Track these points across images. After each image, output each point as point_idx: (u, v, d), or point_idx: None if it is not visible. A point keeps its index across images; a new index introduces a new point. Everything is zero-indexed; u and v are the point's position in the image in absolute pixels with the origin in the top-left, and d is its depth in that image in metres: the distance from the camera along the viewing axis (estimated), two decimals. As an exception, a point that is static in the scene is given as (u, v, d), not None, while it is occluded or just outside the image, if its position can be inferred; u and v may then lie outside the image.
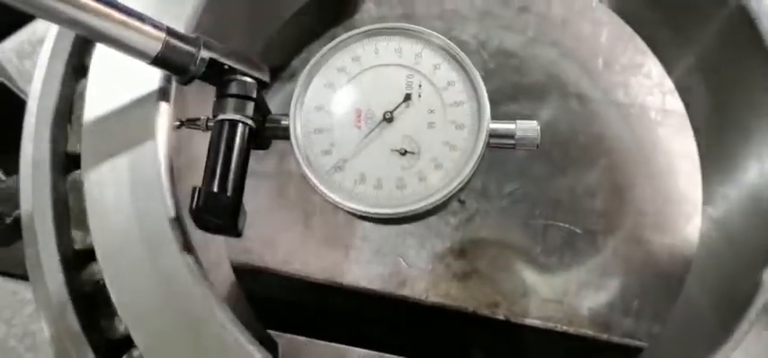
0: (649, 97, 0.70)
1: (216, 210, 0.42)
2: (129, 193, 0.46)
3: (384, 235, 0.66)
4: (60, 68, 0.51)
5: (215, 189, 0.42)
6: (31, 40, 0.72)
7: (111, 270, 0.45)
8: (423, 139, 0.45)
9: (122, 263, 0.45)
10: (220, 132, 0.44)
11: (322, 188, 0.44)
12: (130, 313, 0.44)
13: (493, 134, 0.45)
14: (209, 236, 0.47)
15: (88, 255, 0.47)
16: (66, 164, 0.51)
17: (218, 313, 0.43)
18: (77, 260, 0.48)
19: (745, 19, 0.48)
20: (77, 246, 0.49)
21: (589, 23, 0.73)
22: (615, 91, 0.70)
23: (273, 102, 0.50)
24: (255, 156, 0.68)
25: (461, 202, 0.67)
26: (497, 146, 0.45)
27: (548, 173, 0.67)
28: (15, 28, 0.73)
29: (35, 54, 0.72)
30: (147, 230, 0.45)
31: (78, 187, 0.48)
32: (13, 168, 0.60)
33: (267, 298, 0.63)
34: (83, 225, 0.48)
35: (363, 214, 0.44)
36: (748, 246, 0.50)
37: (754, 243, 0.48)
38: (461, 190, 0.44)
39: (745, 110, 0.52)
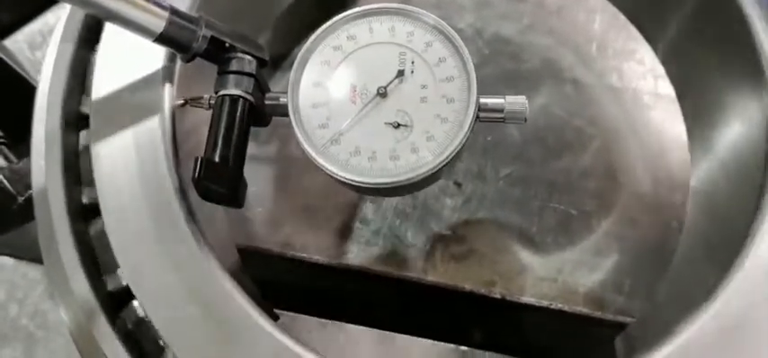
0: (642, 82, 0.71)
1: (217, 178, 0.43)
2: (137, 166, 0.47)
3: (383, 216, 0.67)
4: (70, 51, 0.54)
5: (216, 159, 0.44)
6: (42, 30, 0.74)
7: (117, 235, 0.46)
8: (415, 113, 0.46)
9: (129, 226, 0.46)
10: (222, 106, 0.46)
11: (319, 159, 0.45)
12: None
13: (483, 108, 0.46)
14: (213, 221, 0.48)
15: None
16: (77, 140, 0.53)
17: (225, 282, 0.45)
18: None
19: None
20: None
21: (583, 11, 0.75)
22: (609, 76, 0.72)
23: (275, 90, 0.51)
24: (257, 142, 0.70)
25: (458, 185, 0.68)
26: (487, 119, 0.47)
27: (543, 156, 0.69)
28: (28, 20, 0.75)
29: (46, 44, 0.74)
30: (153, 201, 0.47)
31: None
32: (25, 153, 0.62)
33: (269, 279, 0.64)
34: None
35: (359, 185, 0.45)
36: (729, 216, 0.51)
37: (734, 213, 0.49)
38: (452, 160, 0.45)
39: (722, 81, 0.53)
